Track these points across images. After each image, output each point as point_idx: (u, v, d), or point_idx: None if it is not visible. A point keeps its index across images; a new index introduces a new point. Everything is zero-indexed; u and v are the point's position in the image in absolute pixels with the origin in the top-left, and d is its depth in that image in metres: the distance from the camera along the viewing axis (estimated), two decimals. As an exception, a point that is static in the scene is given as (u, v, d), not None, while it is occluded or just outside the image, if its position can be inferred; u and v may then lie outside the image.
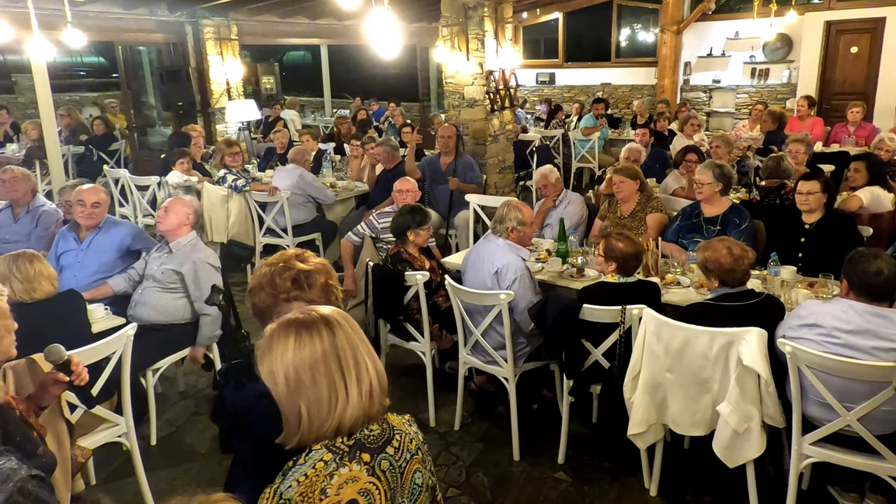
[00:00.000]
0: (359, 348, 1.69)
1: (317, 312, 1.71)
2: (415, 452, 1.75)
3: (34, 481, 1.50)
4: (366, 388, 1.66)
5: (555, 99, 15.17)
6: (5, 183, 5.29)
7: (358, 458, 1.61)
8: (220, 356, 4.54)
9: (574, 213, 5.72)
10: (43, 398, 2.51)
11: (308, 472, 1.57)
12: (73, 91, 16.99)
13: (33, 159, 8.61)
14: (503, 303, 3.84)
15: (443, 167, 7.21)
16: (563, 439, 3.99)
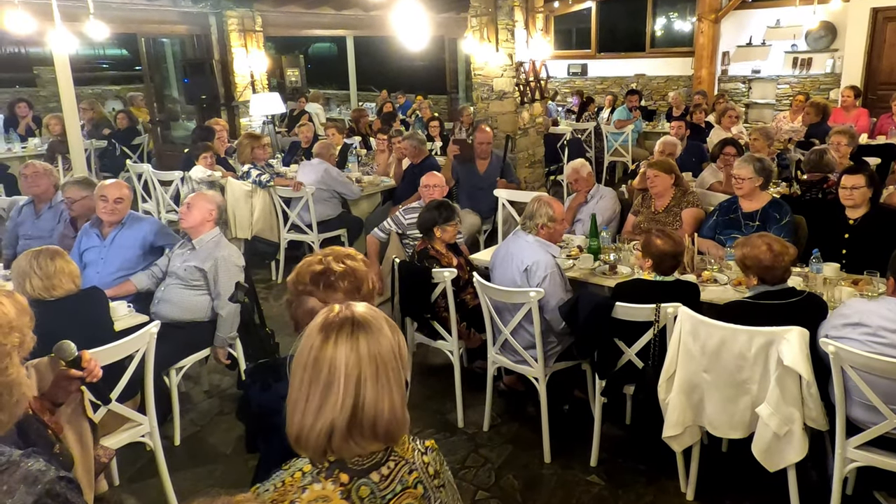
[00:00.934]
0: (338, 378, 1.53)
1: (343, 316, 1.58)
2: (411, 486, 1.60)
3: (63, 482, 1.50)
4: (324, 423, 1.51)
5: (587, 91, 15.07)
6: (27, 178, 5.36)
7: (335, 476, 1.53)
8: (245, 355, 4.58)
9: (606, 208, 5.69)
10: (57, 395, 2.53)
11: (286, 478, 1.54)
12: (96, 84, 17.18)
13: (55, 154, 8.72)
14: (533, 301, 3.83)
15: (480, 171, 7.19)
16: (595, 441, 3.98)
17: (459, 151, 7.01)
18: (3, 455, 1.50)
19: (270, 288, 7.01)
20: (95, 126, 10.68)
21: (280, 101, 10.59)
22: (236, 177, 7.23)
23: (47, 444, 2.27)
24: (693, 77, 14.25)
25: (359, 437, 1.54)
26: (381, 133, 8.83)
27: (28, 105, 11.12)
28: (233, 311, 4.36)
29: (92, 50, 18.65)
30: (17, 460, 1.49)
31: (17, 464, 1.48)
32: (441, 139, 9.84)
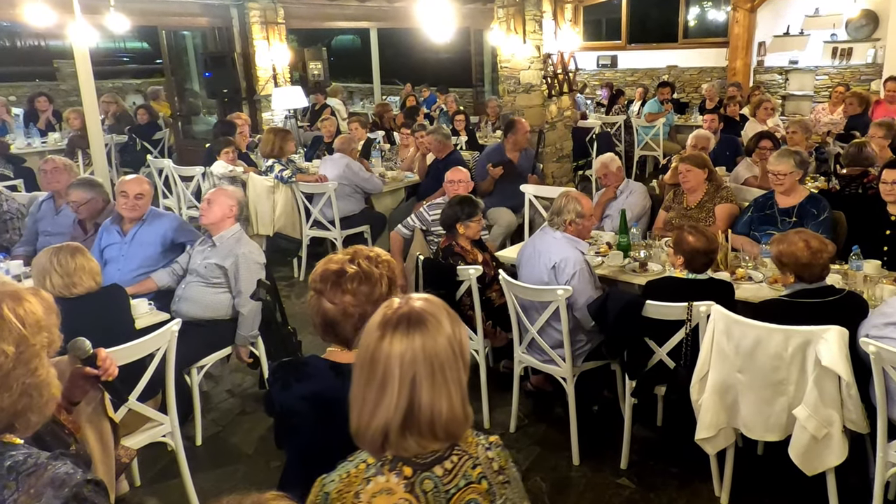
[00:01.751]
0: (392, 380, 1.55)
1: (402, 313, 1.60)
2: (475, 481, 1.62)
3: (90, 486, 1.52)
4: (379, 422, 1.55)
5: (617, 83, 14.97)
6: (47, 174, 5.42)
7: (398, 469, 1.57)
8: (266, 353, 4.60)
9: (636, 203, 5.66)
10: (72, 394, 2.54)
11: (351, 470, 1.59)
12: (116, 78, 17.31)
13: (76, 149, 8.81)
14: (561, 299, 3.82)
15: (514, 162, 7.19)
16: (625, 443, 3.96)
17: (504, 171, 6.93)
18: (31, 458, 1.52)
19: (292, 286, 7.05)
20: (118, 120, 10.79)
21: (302, 95, 10.63)
22: (258, 172, 7.28)
23: (62, 444, 2.29)
24: (727, 68, 14.10)
25: (417, 436, 1.57)
26: (404, 127, 8.85)
27: (48, 99, 11.22)
28: (254, 308, 4.39)
29: (112, 43, 18.85)
30: (44, 463, 1.51)
31: (45, 467, 1.50)
32: (466, 133, 9.84)
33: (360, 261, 2.19)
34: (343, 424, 2.17)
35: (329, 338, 2.22)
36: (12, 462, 1.50)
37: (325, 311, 2.15)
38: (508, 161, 7.01)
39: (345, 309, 2.14)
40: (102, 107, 10.43)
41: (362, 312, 2.15)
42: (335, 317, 2.15)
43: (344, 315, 2.14)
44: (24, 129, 10.30)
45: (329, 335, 2.21)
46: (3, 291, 1.63)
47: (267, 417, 4.48)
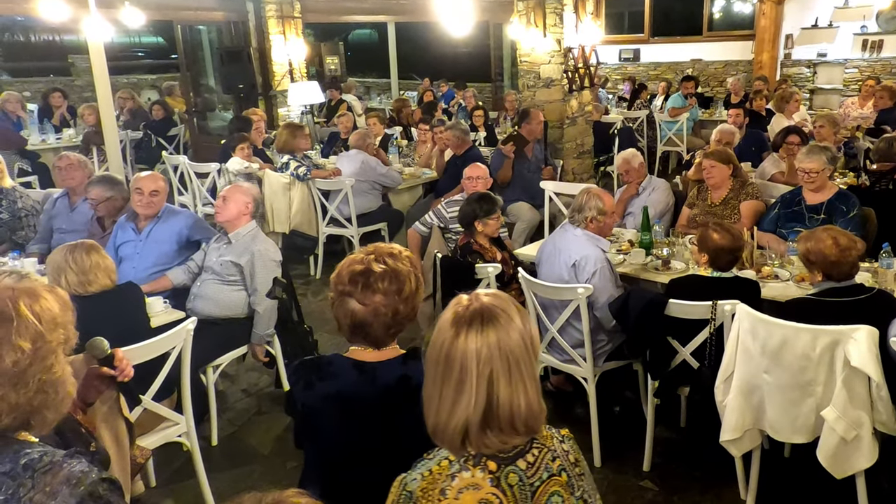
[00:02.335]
0: (470, 376, 1.58)
1: (474, 309, 1.63)
2: (556, 473, 1.66)
3: (105, 484, 1.53)
4: (458, 419, 1.58)
5: (639, 77, 14.91)
6: (61, 170, 5.45)
7: (483, 465, 1.60)
8: (282, 352, 4.63)
9: (659, 200, 5.64)
10: (87, 394, 2.55)
11: (433, 467, 1.61)
12: (131, 73, 17.44)
13: (90, 145, 8.86)
14: (581, 297, 3.81)
15: (529, 155, 7.19)
16: (648, 445, 3.95)
17: (516, 146, 6.96)
18: (47, 456, 1.53)
19: (309, 284, 7.08)
20: (133, 116, 10.87)
21: (319, 91, 10.66)
22: (274, 169, 7.31)
23: (84, 442, 2.31)
24: (753, 62, 13.99)
25: (498, 432, 1.61)
26: (422, 123, 8.85)
27: (63, 95, 11.30)
28: (270, 307, 4.41)
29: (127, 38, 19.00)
30: (59, 461, 1.52)
31: (60, 465, 1.51)
32: (485, 129, 9.83)
33: (386, 259, 2.20)
34: (366, 424, 2.19)
35: (357, 339, 2.23)
36: (28, 460, 1.51)
37: (355, 312, 2.16)
38: (518, 135, 7.02)
39: (375, 309, 2.15)
40: (117, 102, 10.50)
41: (394, 311, 2.17)
42: (365, 318, 2.16)
43: (375, 315, 2.15)
44: (38, 125, 10.38)
45: (358, 337, 2.22)
46: (20, 288, 1.65)
47: (283, 417, 4.51)
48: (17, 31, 18.31)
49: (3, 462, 1.51)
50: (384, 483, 2.27)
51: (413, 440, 2.24)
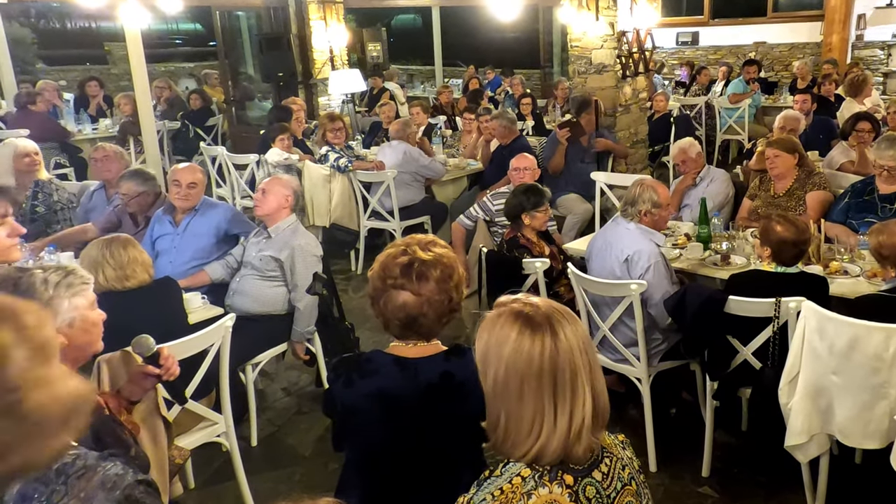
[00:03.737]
0: (580, 372, 1.61)
1: (543, 311, 1.64)
2: (627, 482, 1.68)
3: (141, 487, 1.54)
4: (577, 424, 1.59)
5: (698, 62, 14.70)
6: (97, 162, 5.53)
7: (559, 479, 1.58)
8: (323, 350, 4.66)
9: (718, 192, 5.57)
10: (133, 393, 2.61)
11: (504, 486, 1.58)
12: (169, 61, 17.66)
13: (127, 136, 9.00)
14: (635, 294, 3.78)
15: (584, 143, 7.15)
16: (707, 449, 3.92)
17: (571, 133, 6.94)
18: (80, 459, 1.54)
19: (350, 279, 7.14)
20: (170, 106, 11.03)
21: (360, 79, 10.69)
22: (314, 160, 7.36)
23: (124, 446, 2.35)
24: (822, 44, 13.70)
25: (597, 430, 1.64)
26: (467, 112, 8.84)
27: (99, 84, 11.47)
28: (310, 303, 4.45)
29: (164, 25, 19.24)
30: (93, 465, 1.53)
31: (94, 469, 1.52)
32: (533, 118, 9.79)
33: (429, 247, 2.24)
34: (408, 422, 2.20)
35: (410, 333, 2.25)
36: (60, 465, 1.51)
37: (407, 304, 2.18)
38: (576, 123, 6.98)
39: (429, 299, 2.18)
40: (155, 92, 10.66)
41: (448, 299, 2.21)
42: (418, 309, 2.19)
43: (429, 305, 2.19)
44: (74, 115, 10.52)
45: (410, 331, 2.24)
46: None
47: (324, 418, 4.53)
48: (53, 17, 18.66)
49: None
50: (424, 486, 2.29)
51: (454, 440, 2.26)
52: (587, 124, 7.09)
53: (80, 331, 2.36)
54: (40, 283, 2.30)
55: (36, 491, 1.47)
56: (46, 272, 2.36)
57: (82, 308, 2.37)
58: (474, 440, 2.25)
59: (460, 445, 2.27)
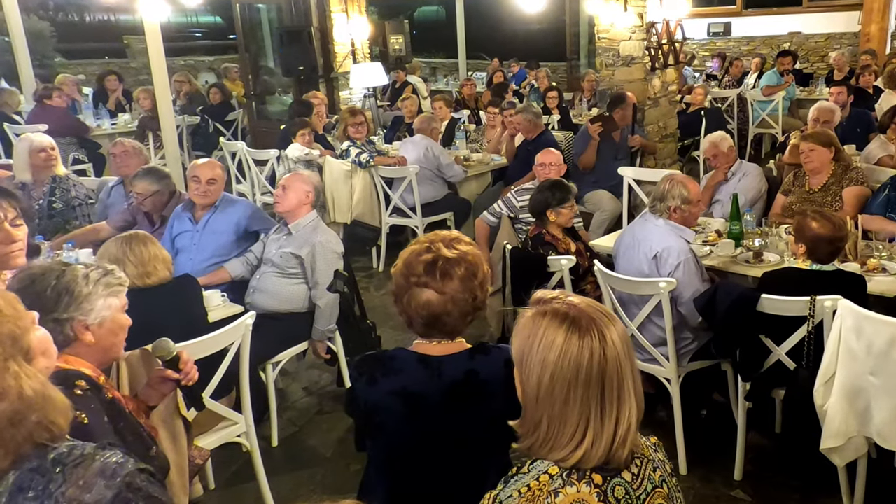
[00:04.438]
0: (626, 378, 1.61)
1: (588, 313, 1.64)
2: (658, 485, 1.68)
3: (143, 475, 1.55)
4: (623, 430, 1.59)
5: (730, 53, 14.59)
6: (116, 157, 5.55)
7: (588, 478, 1.59)
8: (344, 349, 4.68)
9: (750, 187, 5.53)
10: (151, 397, 2.65)
11: (531, 483, 1.59)
12: (188, 55, 17.73)
13: (146, 131, 9.07)
14: (664, 292, 3.76)
15: (616, 139, 7.13)
16: (739, 451, 3.89)
17: (603, 128, 6.91)
18: (77, 449, 1.54)
19: (371, 277, 7.15)
20: (190, 100, 11.11)
21: (382, 72, 10.70)
22: (335, 155, 7.39)
23: (144, 446, 2.38)
24: (860, 34, 13.54)
25: (619, 447, 1.61)
26: (491, 106, 8.83)
27: (118, 78, 11.56)
28: (331, 301, 4.46)
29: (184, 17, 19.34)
30: (91, 453, 1.53)
31: (93, 457, 1.52)
32: (559, 111, 9.76)
33: (454, 244, 2.24)
34: (432, 421, 2.21)
35: (433, 332, 2.27)
36: (56, 455, 1.51)
37: (431, 302, 2.20)
38: (609, 118, 6.95)
39: (453, 297, 2.19)
40: (174, 86, 10.73)
41: (473, 297, 2.22)
42: (442, 307, 2.20)
43: (453, 303, 2.20)
44: (93, 109, 10.59)
45: (434, 329, 2.26)
46: None
47: (346, 418, 4.55)
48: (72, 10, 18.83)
49: (29, 459, 1.50)
50: (449, 487, 2.30)
51: (479, 440, 2.26)
52: (620, 119, 7.05)
53: (108, 332, 2.40)
54: (81, 278, 2.36)
55: (32, 481, 1.47)
56: (88, 268, 2.42)
57: (114, 309, 2.42)
58: (500, 440, 2.25)
59: (485, 445, 2.27)
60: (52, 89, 9.27)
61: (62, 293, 2.31)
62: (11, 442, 1.47)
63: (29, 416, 1.49)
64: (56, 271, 2.36)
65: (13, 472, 1.48)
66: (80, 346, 2.34)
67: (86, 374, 2.29)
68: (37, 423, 1.50)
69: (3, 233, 3.01)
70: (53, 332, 2.20)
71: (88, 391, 2.23)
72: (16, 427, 1.46)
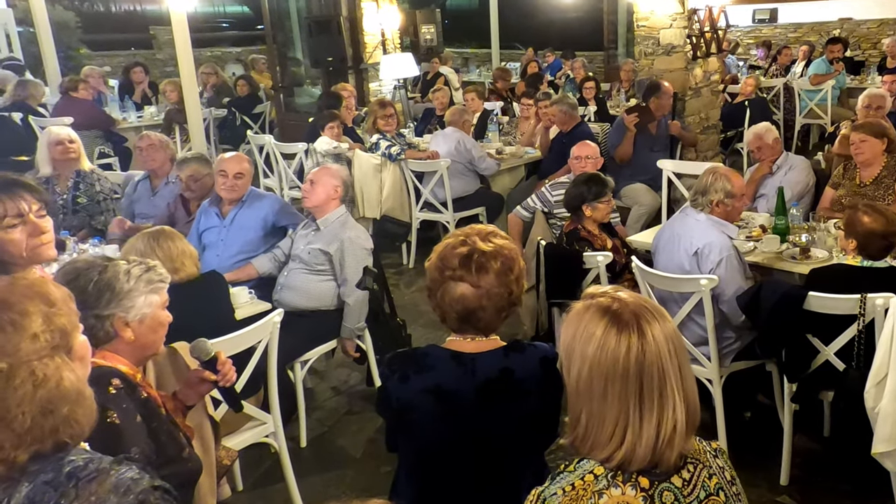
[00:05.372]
0: (669, 376, 1.61)
1: (631, 308, 1.65)
2: (713, 492, 1.66)
3: (158, 493, 1.54)
4: (666, 431, 1.59)
5: (776, 41, 14.42)
6: (142, 151, 5.61)
7: (634, 481, 1.59)
8: (374, 347, 4.70)
9: (797, 180, 5.46)
10: (189, 397, 2.68)
11: (576, 482, 1.60)
12: (215, 46, 17.86)
13: (173, 124, 9.15)
14: (705, 289, 3.73)
15: (652, 130, 7.09)
16: (785, 456, 3.85)
17: (639, 118, 6.87)
18: (92, 463, 1.54)
19: (401, 274, 7.17)
20: (217, 92, 11.19)
21: (413, 63, 10.72)
22: (364, 149, 7.41)
23: (178, 447, 2.41)
24: (916, 19, 13.36)
25: (689, 435, 1.63)
26: (525, 97, 8.81)
27: (144, 70, 11.68)
28: (361, 298, 4.48)
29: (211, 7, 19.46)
30: (106, 468, 1.53)
31: (107, 472, 1.52)
32: (596, 102, 9.71)
33: (490, 238, 2.25)
34: (465, 420, 2.22)
35: (467, 327, 2.27)
36: (72, 468, 1.52)
37: (465, 297, 2.20)
38: (645, 108, 6.91)
39: (489, 291, 2.20)
40: (201, 78, 10.84)
41: (509, 292, 2.23)
42: (477, 302, 2.20)
43: (488, 298, 2.20)
44: (118, 102, 10.70)
45: (468, 324, 2.26)
46: None
47: (376, 418, 4.57)
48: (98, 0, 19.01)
49: (45, 470, 1.51)
50: (482, 488, 2.30)
51: (513, 440, 2.26)
52: (657, 109, 7.00)
53: (148, 329, 2.44)
54: (123, 274, 2.41)
55: (45, 495, 1.48)
56: (130, 264, 2.47)
57: (155, 306, 2.46)
58: (535, 441, 2.25)
59: (520, 446, 2.27)
60: (78, 81, 9.35)
61: (104, 289, 2.35)
62: (37, 432, 1.49)
63: (61, 408, 1.51)
64: (98, 266, 2.40)
65: (27, 485, 1.49)
66: (119, 342, 2.38)
67: (122, 372, 2.32)
68: (65, 418, 1.52)
69: (31, 225, 3.03)
70: (94, 328, 2.26)
71: (122, 390, 2.26)
72: (45, 417, 1.49)
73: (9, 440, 1.46)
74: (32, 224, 3.05)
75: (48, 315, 1.55)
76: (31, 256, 3.09)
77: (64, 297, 1.63)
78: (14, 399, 1.47)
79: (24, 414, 1.47)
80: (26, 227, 3.02)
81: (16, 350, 1.49)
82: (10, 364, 1.48)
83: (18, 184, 3.10)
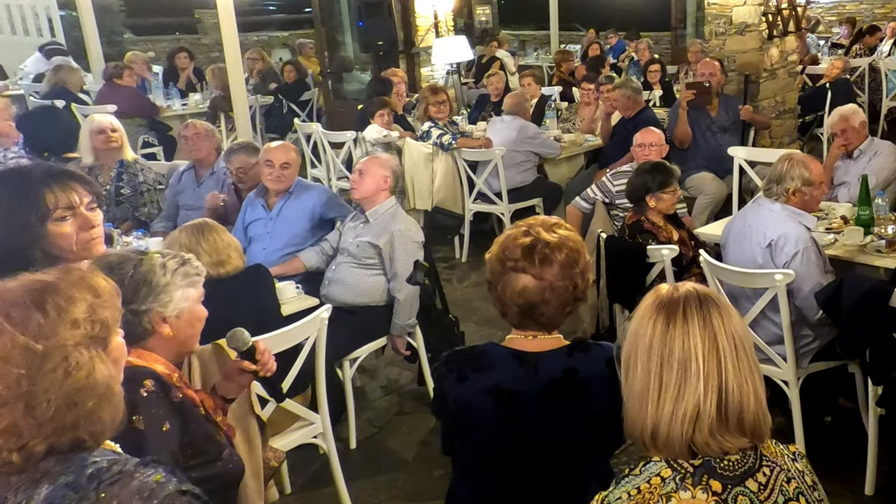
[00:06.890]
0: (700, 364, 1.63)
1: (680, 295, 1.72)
2: (792, 497, 1.67)
3: (186, 497, 1.54)
4: (685, 411, 1.61)
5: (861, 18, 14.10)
6: (188, 140, 5.65)
7: (705, 484, 1.60)
8: (425, 345, 4.71)
9: (883, 167, 5.35)
10: (229, 390, 2.70)
11: (641, 485, 1.61)
12: (262, 30, 17.94)
13: (218, 112, 9.26)
14: (780, 285, 3.68)
15: (712, 113, 7.00)
16: (870, 463, 3.78)
17: (695, 96, 6.80)
18: (117, 464, 1.55)
19: (453, 268, 7.18)
20: (263, 79, 11.29)
21: (467, 47, 10.70)
22: (415, 137, 7.43)
23: (217, 448, 2.44)
24: None
25: (724, 429, 1.63)
26: (586, 81, 8.75)
27: (189, 55, 11.78)
28: (411, 294, 4.48)
29: (258, -10, 19.57)
30: (130, 470, 1.53)
31: (132, 475, 1.52)
32: (662, 87, 9.61)
33: (555, 229, 2.26)
34: (526, 422, 2.22)
35: (529, 322, 2.28)
36: (94, 469, 1.52)
37: (527, 289, 2.20)
38: (701, 83, 6.83)
39: (552, 284, 2.20)
40: (247, 64, 10.91)
41: (573, 286, 2.23)
42: (539, 295, 2.20)
43: (552, 291, 2.20)
44: (163, 89, 10.76)
45: (529, 319, 2.26)
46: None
47: (427, 419, 4.60)
48: (141, -17, 19.27)
49: (66, 472, 1.51)
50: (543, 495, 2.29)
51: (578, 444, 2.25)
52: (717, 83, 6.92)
53: (185, 324, 2.47)
54: (159, 268, 2.43)
55: (65, 497, 1.48)
56: (165, 257, 2.50)
57: (192, 300, 2.49)
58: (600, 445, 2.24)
59: (584, 450, 2.26)
60: (123, 68, 9.47)
61: (140, 283, 2.37)
62: (58, 423, 1.50)
63: (86, 401, 1.53)
64: (133, 260, 2.43)
65: (47, 486, 1.49)
66: (156, 339, 2.41)
67: (157, 372, 2.35)
68: (88, 413, 1.53)
69: (81, 218, 3.04)
70: (131, 323, 2.28)
71: (154, 393, 2.28)
72: (69, 409, 1.51)
73: (28, 428, 1.48)
74: (83, 217, 3.07)
75: (93, 305, 1.58)
76: (81, 251, 3.14)
77: (111, 291, 1.66)
78: (43, 384, 1.48)
79: (49, 402, 1.48)
80: (76, 219, 3.04)
81: (54, 333, 1.51)
82: (45, 347, 1.49)
83: (70, 175, 3.14)
